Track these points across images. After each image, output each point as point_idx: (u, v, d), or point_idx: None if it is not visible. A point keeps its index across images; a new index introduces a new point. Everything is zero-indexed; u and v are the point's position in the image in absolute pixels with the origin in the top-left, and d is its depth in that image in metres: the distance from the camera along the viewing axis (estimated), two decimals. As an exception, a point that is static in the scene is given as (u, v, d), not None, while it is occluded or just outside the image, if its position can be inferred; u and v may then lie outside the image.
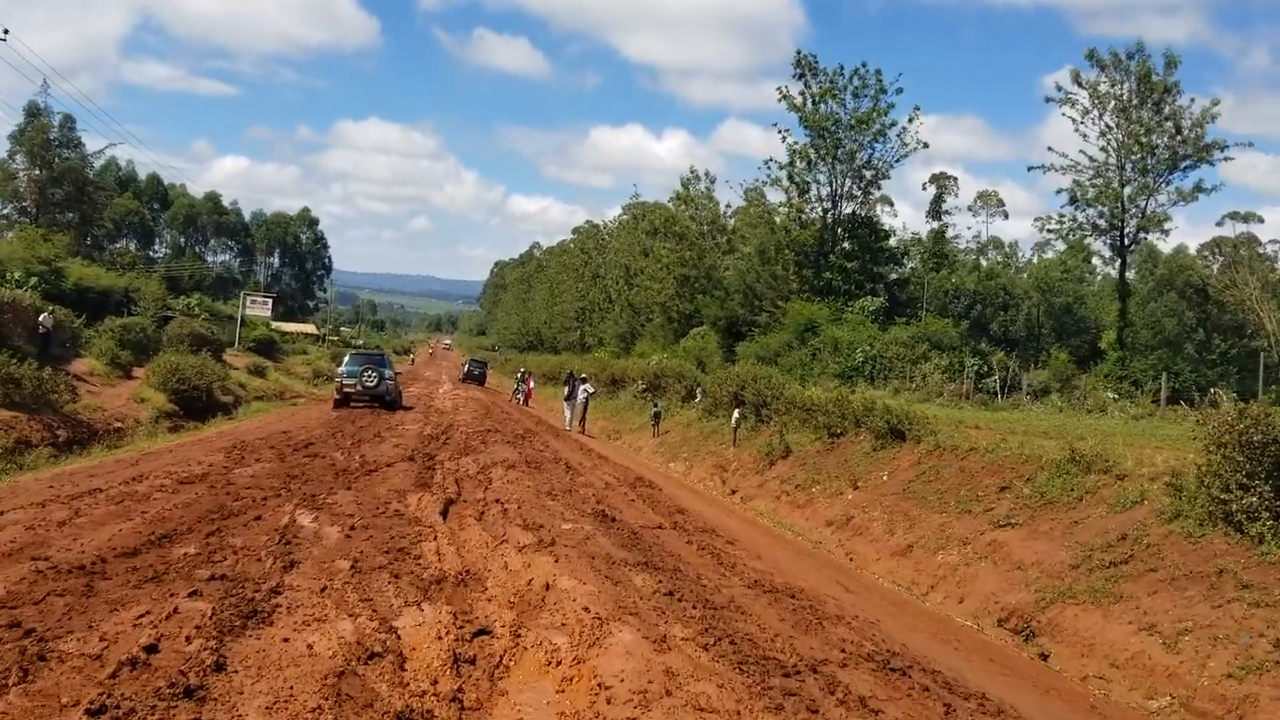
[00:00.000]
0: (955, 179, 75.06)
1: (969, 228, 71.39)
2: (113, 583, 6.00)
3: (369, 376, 27.38)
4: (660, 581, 6.96)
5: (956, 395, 33.52)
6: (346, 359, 29.35)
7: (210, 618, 5.26)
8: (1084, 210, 40.87)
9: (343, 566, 6.63)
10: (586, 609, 5.78)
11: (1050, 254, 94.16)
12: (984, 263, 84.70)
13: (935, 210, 49.10)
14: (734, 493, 23.57)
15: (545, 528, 8.80)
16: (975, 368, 38.21)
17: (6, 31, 31.87)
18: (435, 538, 7.77)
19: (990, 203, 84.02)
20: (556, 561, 7.09)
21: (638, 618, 5.79)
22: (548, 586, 6.31)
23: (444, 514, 9.50)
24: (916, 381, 36.27)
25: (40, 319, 26.43)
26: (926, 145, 42.57)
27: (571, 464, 15.89)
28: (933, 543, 15.84)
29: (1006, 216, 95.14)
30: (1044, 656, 9.73)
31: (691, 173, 64.34)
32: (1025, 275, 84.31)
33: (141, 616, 5.29)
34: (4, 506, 8.50)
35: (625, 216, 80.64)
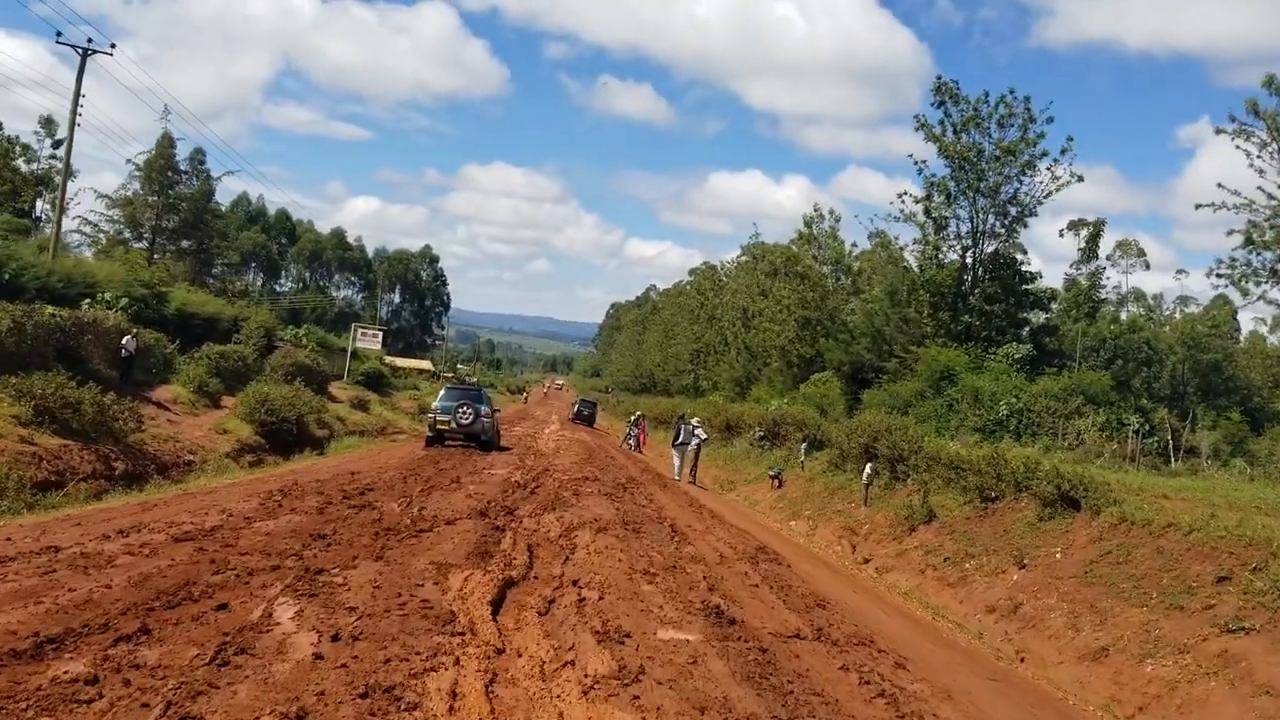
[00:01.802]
0: (1102, 221, 70.17)
1: (1108, 278, 66.19)
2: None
3: (464, 413, 25.11)
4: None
5: (1119, 457, 29.46)
6: (441, 393, 27.15)
7: None
8: (1259, 254, 36.19)
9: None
10: None
11: (1194, 308, 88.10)
12: (1124, 314, 79.14)
13: (1090, 250, 44.61)
14: (867, 561, 20.28)
15: (633, 638, 5.99)
16: (1136, 426, 34.00)
17: (114, 45, 31.15)
18: (460, 660, 5.01)
19: (1130, 252, 78.40)
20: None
21: None
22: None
23: (496, 605, 6.75)
24: (1069, 439, 32.27)
25: (123, 341, 25.01)
26: (1081, 179, 38.58)
27: (678, 526, 13.02)
28: (1135, 647, 12.37)
29: (1148, 267, 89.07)
30: None
31: (815, 211, 61.15)
32: (1167, 329, 79.10)
33: None
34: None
35: (744, 257, 77.94)
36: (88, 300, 28.07)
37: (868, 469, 24.32)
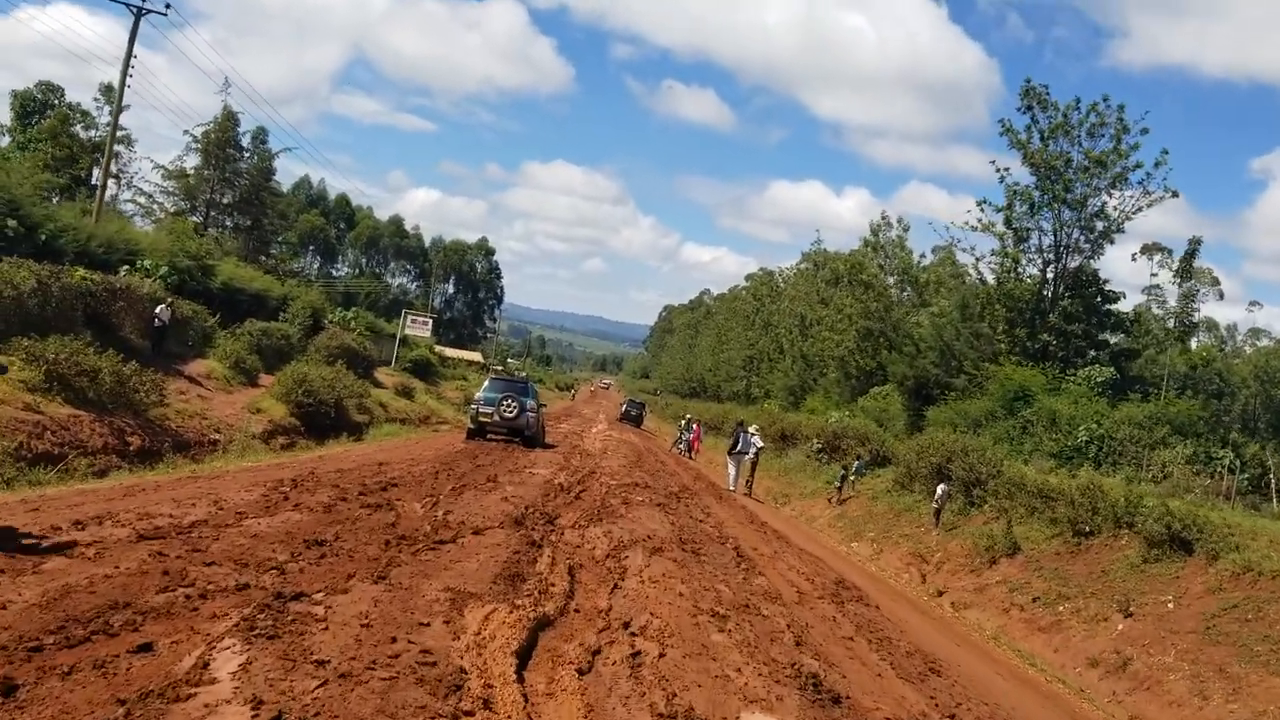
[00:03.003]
0: (1170, 251, 67.00)
1: (1204, 298, 63.02)
2: None
3: (508, 406, 23.60)
4: None
5: (1212, 493, 27.08)
6: (485, 384, 25.61)
7: None
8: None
9: None
10: None
11: (1266, 341, 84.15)
12: (1194, 344, 75.76)
13: (1185, 270, 41.66)
14: (941, 594, 18.33)
15: (710, 726, 4.28)
16: (1226, 461, 31.50)
17: (169, 6, 30.03)
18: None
19: (1204, 280, 74.90)
20: None
21: None
22: None
23: (523, 656, 5.07)
24: (1153, 471, 29.91)
25: (157, 310, 23.76)
26: (1176, 194, 36.05)
27: (743, 548, 11.24)
28: (1283, 728, 10.38)
29: (1222, 296, 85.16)
30: None
31: (883, 219, 58.92)
32: (1237, 362, 75.93)
33: None
34: None
35: (804, 264, 75.79)
36: (127, 267, 26.90)
37: (940, 490, 22.38)
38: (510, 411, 23.54)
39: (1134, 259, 54.94)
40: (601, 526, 10.53)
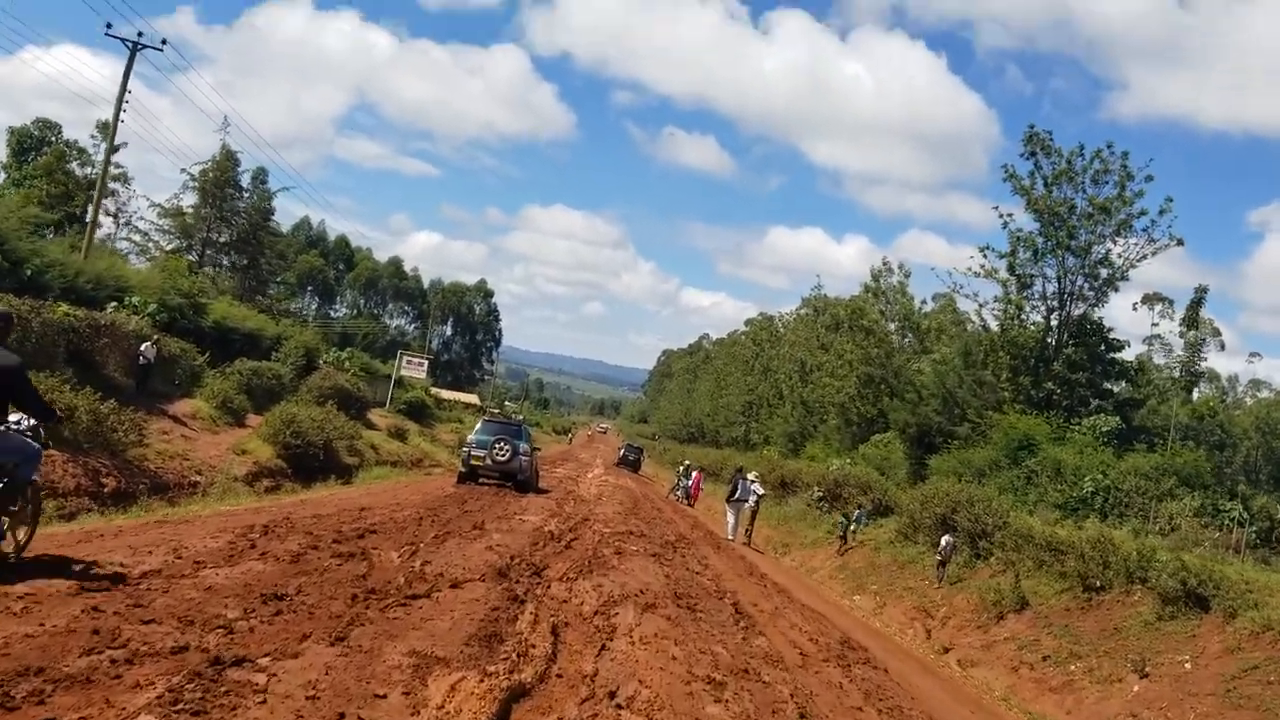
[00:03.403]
0: (1172, 301, 66.71)
1: (1207, 351, 62.74)
2: None
3: (500, 449, 23.00)
4: None
5: (1221, 546, 26.36)
6: (478, 426, 24.99)
7: None
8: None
9: None
10: None
11: (1266, 393, 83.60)
12: (1195, 395, 75.31)
13: (1192, 318, 40.91)
14: (947, 651, 17.60)
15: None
16: (1235, 514, 30.80)
17: (165, 41, 29.82)
18: None
19: (1206, 330, 74.58)
20: None
21: None
22: None
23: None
24: (1160, 523, 29.21)
25: (142, 348, 23.21)
26: (1181, 242, 35.71)
27: (742, 604, 10.59)
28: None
29: (1223, 347, 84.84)
30: None
31: (884, 264, 58.61)
32: (1239, 413, 75.50)
33: None
34: None
35: (804, 309, 75.45)
36: (114, 304, 26.41)
37: (944, 542, 21.67)
38: (503, 455, 22.95)
39: (1135, 309, 54.69)
40: (591, 579, 9.90)
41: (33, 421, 7.25)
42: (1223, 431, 69.30)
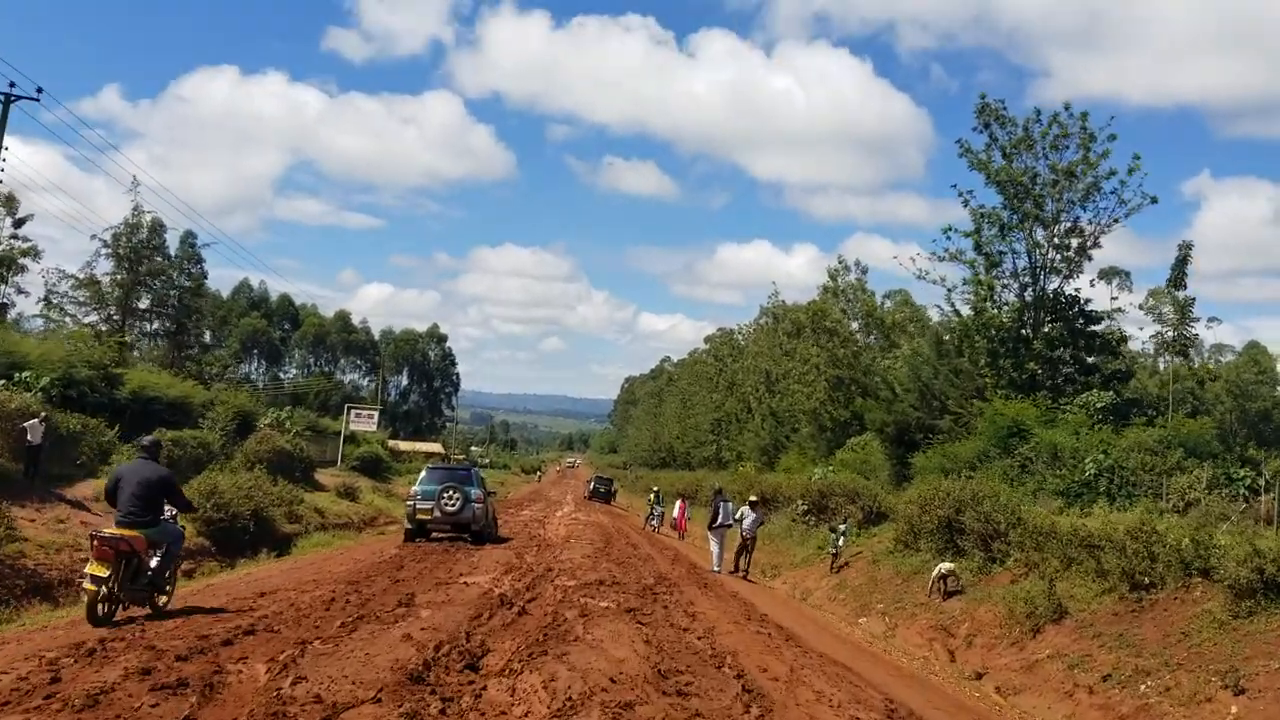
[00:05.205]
0: (1129, 274, 65.52)
1: (1141, 328, 61.67)
2: None
3: (449, 499, 20.47)
4: None
5: (1251, 518, 24.21)
6: (422, 475, 22.35)
7: None
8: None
9: None
10: None
11: (1229, 356, 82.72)
12: (1162, 366, 74.30)
13: (1178, 279, 38.81)
14: (980, 676, 15.10)
15: None
16: (1248, 480, 28.73)
17: (40, 90, 27.02)
18: None
19: (1164, 300, 73.62)
20: None
21: None
22: None
23: None
24: (1173, 499, 27.00)
25: (25, 425, 20.34)
26: (1155, 200, 33.84)
27: (747, 672, 8.01)
28: None
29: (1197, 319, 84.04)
30: None
31: (840, 262, 56.66)
32: (1211, 379, 74.72)
33: None
34: None
35: (763, 319, 73.35)
36: (3, 381, 23.50)
37: (940, 571, 19.02)
38: (452, 505, 20.42)
39: (1093, 284, 53.01)
40: (545, 667, 7.31)
41: (175, 512, 10.33)
42: (1194, 399, 68.17)
